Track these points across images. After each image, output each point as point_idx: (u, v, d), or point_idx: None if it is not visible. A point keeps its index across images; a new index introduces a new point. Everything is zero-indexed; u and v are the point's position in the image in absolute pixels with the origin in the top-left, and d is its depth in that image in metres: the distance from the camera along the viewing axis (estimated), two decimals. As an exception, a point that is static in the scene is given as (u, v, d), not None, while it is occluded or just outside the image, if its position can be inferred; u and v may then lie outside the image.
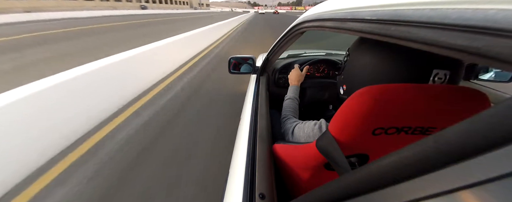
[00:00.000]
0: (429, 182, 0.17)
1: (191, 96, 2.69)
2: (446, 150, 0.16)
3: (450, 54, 0.19)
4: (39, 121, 1.45)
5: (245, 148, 0.60)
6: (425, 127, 0.37)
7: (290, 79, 0.95)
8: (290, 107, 0.76)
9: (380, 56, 0.42)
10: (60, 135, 1.60)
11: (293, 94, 0.82)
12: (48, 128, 1.51)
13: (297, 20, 0.71)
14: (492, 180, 0.13)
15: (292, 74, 0.95)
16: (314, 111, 1.07)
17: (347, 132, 0.37)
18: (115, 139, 1.78)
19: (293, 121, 0.64)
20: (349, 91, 0.51)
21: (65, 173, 1.42)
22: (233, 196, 0.46)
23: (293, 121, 0.64)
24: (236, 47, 6.16)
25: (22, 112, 1.35)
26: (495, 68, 0.93)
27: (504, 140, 0.13)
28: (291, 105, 0.77)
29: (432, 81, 0.38)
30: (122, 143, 1.73)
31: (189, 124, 2.05)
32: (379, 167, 0.21)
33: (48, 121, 1.51)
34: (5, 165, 1.27)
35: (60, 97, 1.61)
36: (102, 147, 1.68)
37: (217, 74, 3.61)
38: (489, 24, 0.16)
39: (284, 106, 0.77)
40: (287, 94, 0.84)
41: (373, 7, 0.32)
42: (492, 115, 0.14)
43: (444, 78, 0.38)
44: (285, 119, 0.69)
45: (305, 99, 1.05)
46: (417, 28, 0.22)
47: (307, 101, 1.05)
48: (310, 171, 0.48)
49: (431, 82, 0.38)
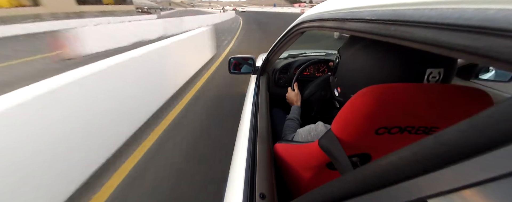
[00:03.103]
0: (429, 182, 0.17)
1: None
2: (446, 150, 0.16)
3: (450, 54, 0.19)
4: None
5: (245, 148, 0.60)
6: (428, 127, 0.36)
7: (289, 101, 0.98)
8: (290, 127, 0.79)
9: (373, 56, 0.42)
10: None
11: (294, 115, 0.85)
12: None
13: (297, 20, 0.71)
14: (492, 180, 0.13)
15: (289, 96, 0.99)
16: (325, 111, 1.07)
17: (350, 132, 0.37)
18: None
19: (290, 136, 0.67)
20: (344, 93, 0.51)
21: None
22: (234, 196, 0.46)
23: (290, 136, 0.67)
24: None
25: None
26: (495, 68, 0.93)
27: (504, 140, 0.13)
28: (291, 125, 0.80)
29: (426, 80, 0.38)
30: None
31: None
32: (379, 167, 0.21)
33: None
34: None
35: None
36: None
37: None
38: (489, 24, 0.16)
39: (285, 126, 0.80)
40: (289, 114, 0.87)
41: (373, 7, 0.32)
42: (492, 115, 0.14)
43: (439, 77, 0.38)
44: (285, 137, 0.73)
45: (315, 108, 1.06)
46: (417, 28, 0.22)
47: (317, 108, 1.06)
48: (312, 171, 0.48)
49: (426, 81, 0.38)
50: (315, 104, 1.06)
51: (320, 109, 1.06)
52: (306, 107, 0.99)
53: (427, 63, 0.37)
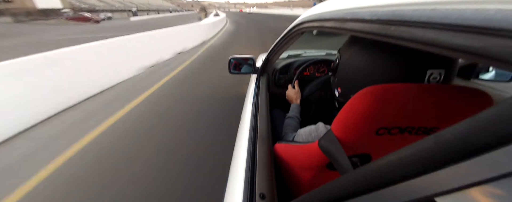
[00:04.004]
0: (429, 182, 0.17)
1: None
2: (446, 150, 0.16)
3: (450, 54, 0.19)
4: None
5: (245, 148, 0.60)
6: (428, 127, 0.36)
7: (289, 99, 0.98)
8: (291, 125, 0.78)
9: (373, 56, 0.42)
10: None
11: (294, 113, 0.84)
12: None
13: (297, 20, 0.71)
14: (492, 180, 0.13)
15: (289, 94, 0.98)
16: (323, 112, 1.07)
17: (350, 132, 0.37)
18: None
19: (291, 135, 0.66)
20: (345, 93, 0.51)
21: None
22: (234, 196, 0.46)
23: (291, 136, 0.66)
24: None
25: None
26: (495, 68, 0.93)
27: (504, 140, 0.13)
28: (291, 123, 0.79)
29: (427, 81, 0.38)
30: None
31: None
32: (379, 167, 0.21)
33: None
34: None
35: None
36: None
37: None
38: (489, 24, 0.16)
39: (285, 125, 0.80)
40: (289, 113, 0.86)
41: (373, 7, 0.32)
42: (492, 115, 0.14)
43: (439, 77, 0.38)
44: (285, 137, 0.72)
45: (313, 107, 1.06)
46: (417, 28, 0.22)
47: (315, 108, 1.05)
48: (312, 171, 0.48)
49: (426, 82, 0.38)
50: (314, 103, 1.06)
51: (319, 109, 1.06)
52: (305, 106, 0.99)
53: (428, 64, 0.37)
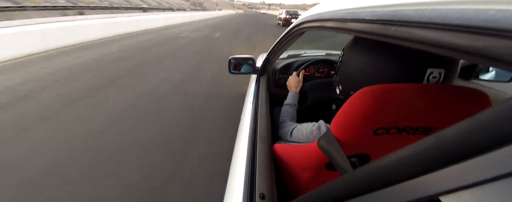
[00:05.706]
0: (429, 182, 0.17)
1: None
2: (446, 150, 0.16)
3: (451, 54, 0.19)
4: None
5: (245, 149, 0.60)
6: (427, 127, 0.36)
7: (289, 85, 0.96)
8: (288, 112, 0.77)
9: (375, 56, 0.42)
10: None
11: (292, 100, 0.83)
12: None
13: (297, 20, 0.71)
14: (492, 180, 0.13)
15: (291, 81, 0.96)
16: (317, 111, 1.07)
17: (349, 132, 0.37)
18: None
19: (290, 124, 0.65)
20: (345, 90, 0.51)
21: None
22: (234, 196, 0.46)
23: (290, 125, 0.64)
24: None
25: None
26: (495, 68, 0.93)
27: (504, 140, 0.13)
28: (289, 110, 0.78)
29: (426, 80, 0.38)
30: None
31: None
32: (379, 167, 0.21)
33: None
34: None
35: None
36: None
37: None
38: (489, 24, 0.16)
39: (282, 111, 0.78)
40: (286, 100, 0.85)
41: (373, 7, 0.32)
42: (492, 115, 0.14)
43: (439, 77, 0.38)
44: (283, 124, 0.70)
45: (308, 102, 1.05)
46: (418, 28, 0.22)
47: (310, 104, 1.05)
48: (311, 171, 0.48)
49: (426, 81, 0.38)
50: (309, 99, 1.06)
51: (312, 106, 1.06)
52: (300, 98, 0.99)
53: (428, 63, 0.37)
